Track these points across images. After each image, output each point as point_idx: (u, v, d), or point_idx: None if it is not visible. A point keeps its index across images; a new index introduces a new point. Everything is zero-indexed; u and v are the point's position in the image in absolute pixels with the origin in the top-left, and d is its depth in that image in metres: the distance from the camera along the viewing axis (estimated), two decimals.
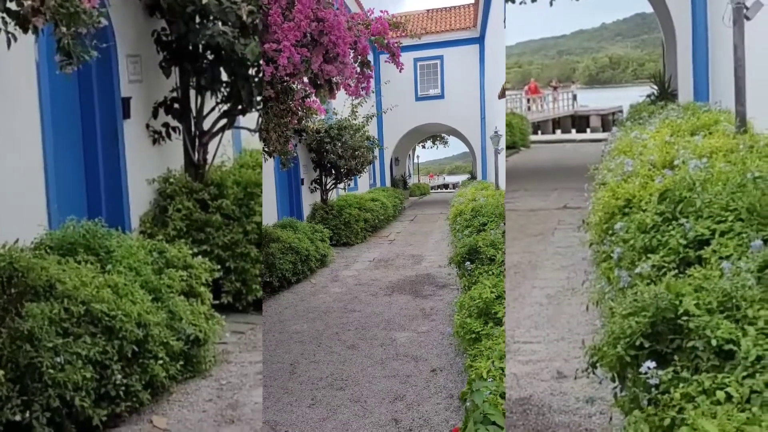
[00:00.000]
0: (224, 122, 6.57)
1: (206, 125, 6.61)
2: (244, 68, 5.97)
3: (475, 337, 5.06)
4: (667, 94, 12.37)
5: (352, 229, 12.96)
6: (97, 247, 4.65)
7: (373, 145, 15.68)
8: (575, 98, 29.15)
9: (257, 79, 6.06)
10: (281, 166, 10.02)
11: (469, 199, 12.77)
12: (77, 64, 4.04)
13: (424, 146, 35.21)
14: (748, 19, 6.15)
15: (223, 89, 6.34)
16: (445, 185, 41.46)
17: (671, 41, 12.22)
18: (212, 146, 6.72)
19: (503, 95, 14.42)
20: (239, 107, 6.38)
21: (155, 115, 6.49)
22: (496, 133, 14.47)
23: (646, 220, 4.07)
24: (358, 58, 6.40)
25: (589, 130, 25.72)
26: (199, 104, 6.54)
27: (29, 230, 4.62)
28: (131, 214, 6.10)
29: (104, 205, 5.95)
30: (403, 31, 7.09)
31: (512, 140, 18.64)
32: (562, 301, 5.72)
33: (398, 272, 9.76)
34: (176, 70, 6.47)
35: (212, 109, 6.58)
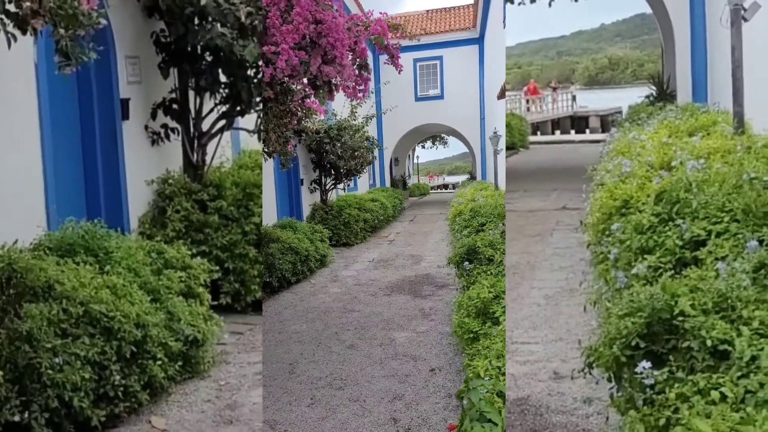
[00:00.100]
0: (223, 123, 6.58)
1: (205, 126, 6.62)
2: (242, 69, 5.98)
3: (473, 336, 5.08)
4: (665, 95, 12.37)
5: (351, 229, 12.98)
6: (95, 248, 4.66)
7: (372, 145, 15.69)
8: (574, 99, 29.14)
9: (256, 80, 6.07)
10: (281, 166, 10.03)
11: (468, 199, 12.80)
12: (76, 65, 4.06)
13: (423, 146, 35.24)
14: (745, 20, 6.15)
15: (221, 90, 6.35)
16: (444, 185, 41.49)
17: (670, 42, 12.23)
18: (211, 147, 6.74)
19: (502, 96, 14.43)
20: (238, 108, 6.39)
21: (154, 116, 6.50)
22: (495, 133, 14.49)
23: (642, 221, 4.07)
24: (356, 60, 6.41)
25: (588, 130, 25.73)
26: (197, 105, 6.55)
27: (28, 231, 4.63)
28: (130, 215, 6.11)
29: (103, 206, 5.96)
30: (402, 33, 7.09)
31: (511, 141, 18.65)
32: (560, 301, 5.73)
33: (397, 272, 9.77)
34: (175, 71, 6.48)
35: (211, 110, 6.59)
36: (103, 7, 5.44)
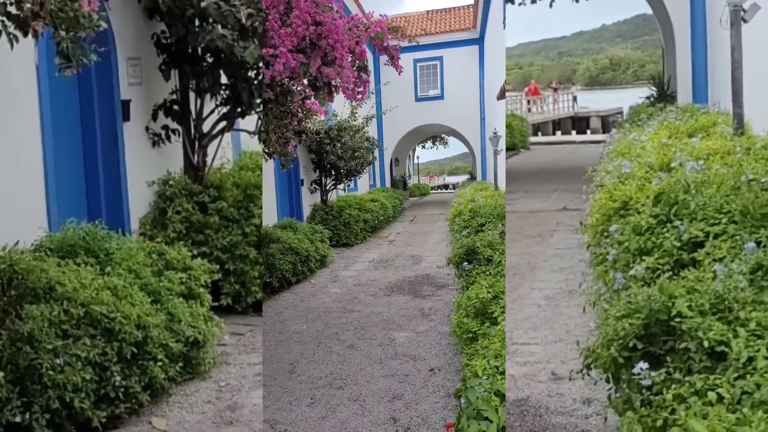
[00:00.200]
0: (224, 125, 6.59)
1: (206, 128, 6.63)
2: (243, 71, 5.99)
3: (472, 336, 5.10)
4: (666, 95, 12.38)
5: (351, 229, 13.00)
6: (96, 249, 4.67)
7: (372, 145, 15.71)
8: (575, 99, 29.14)
9: (257, 81, 6.09)
10: (281, 167, 10.04)
11: (467, 199, 12.82)
12: (76, 67, 4.07)
13: (424, 147, 35.26)
14: (745, 21, 6.16)
15: (222, 92, 6.36)
16: (445, 186, 41.49)
17: (670, 43, 12.24)
18: (212, 148, 6.75)
19: (502, 96, 14.43)
20: (239, 110, 6.41)
21: (155, 117, 6.51)
22: (495, 134, 14.50)
23: (641, 222, 4.09)
24: (356, 62, 6.42)
25: (589, 131, 25.73)
26: (198, 107, 6.56)
27: (29, 232, 4.64)
28: (131, 216, 6.13)
29: (104, 207, 5.97)
30: (401, 35, 7.11)
31: (512, 142, 18.66)
32: (560, 302, 5.74)
33: (397, 273, 9.79)
34: (176, 72, 6.49)
35: (212, 111, 6.60)
36: (104, 9, 5.46)
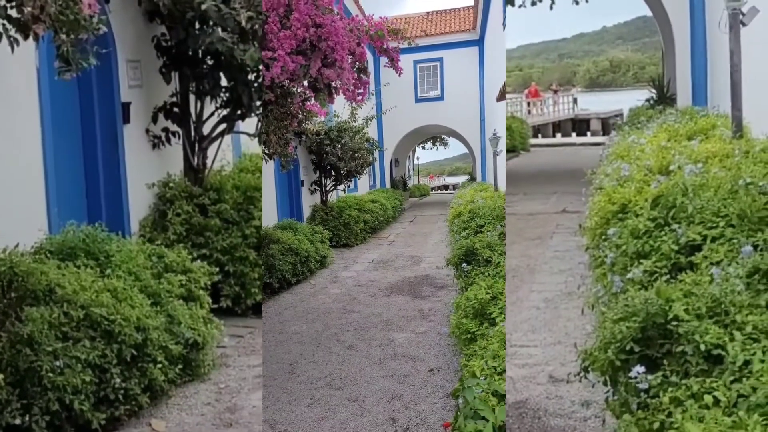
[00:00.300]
0: (224, 127, 6.61)
1: (206, 130, 6.65)
2: (243, 74, 6.00)
3: (470, 337, 5.11)
4: (665, 98, 12.39)
5: (351, 230, 13.01)
6: (96, 251, 4.68)
7: (372, 146, 15.73)
8: (576, 102, 29.14)
9: (256, 84, 6.10)
10: (281, 168, 10.06)
11: (467, 200, 12.84)
12: (76, 71, 4.07)
13: (424, 147, 35.29)
14: (744, 24, 6.17)
15: (222, 94, 6.38)
16: (445, 186, 41.48)
17: (670, 45, 12.25)
18: (212, 151, 6.77)
19: (502, 98, 14.44)
20: (239, 112, 6.42)
21: (155, 119, 6.53)
22: (494, 135, 14.52)
23: (638, 225, 4.10)
24: (356, 63, 6.44)
25: (589, 133, 25.71)
26: (198, 109, 6.58)
27: (29, 235, 4.65)
28: (131, 218, 6.14)
29: (104, 209, 5.98)
30: (401, 37, 7.14)
31: (512, 144, 18.67)
32: (559, 305, 5.75)
33: (397, 273, 9.81)
34: (176, 75, 6.51)
35: (212, 114, 6.62)
36: (104, 12, 5.48)
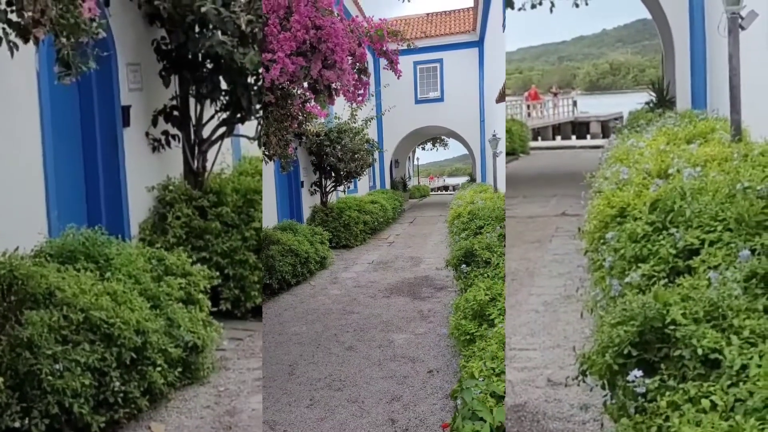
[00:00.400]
0: (223, 130, 6.62)
1: (205, 133, 6.66)
2: (243, 77, 6.01)
3: (469, 338, 5.12)
4: (665, 101, 12.40)
5: (351, 231, 13.03)
6: (96, 254, 4.68)
7: (372, 147, 15.74)
8: (575, 104, 29.18)
9: (256, 87, 6.12)
10: (281, 169, 10.08)
11: (467, 201, 12.85)
12: (76, 75, 4.08)
13: (423, 148, 35.33)
14: (743, 28, 6.18)
15: (222, 97, 6.39)
16: (445, 187, 41.49)
17: (669, 48, 12.26)
18: (211, 154, 6.77)
19: (501, 99, 14.46)
20: (238, 115, 6.43)
21: (155, 123, 6.54)
22: (494, 136, 14.54)
23: (637, 229, 4.11)
24: (356, 65, 6.45)
25: (589, 136, 25.75)
26: (198, 112, 6.59)
27: (29, 238, 4.66)
28: (131, 221, 6.14)
29: (104, 212, 5.98)
30: (400, 39, 7.15)
31: (512, 147, 18.69)
32: (558, 308, 5.75)
33: (397, 274, 9.82)
34: (176, 78, 6.51)
35: (211, 117, 6.63)
36: (104, 15, 5.49)
